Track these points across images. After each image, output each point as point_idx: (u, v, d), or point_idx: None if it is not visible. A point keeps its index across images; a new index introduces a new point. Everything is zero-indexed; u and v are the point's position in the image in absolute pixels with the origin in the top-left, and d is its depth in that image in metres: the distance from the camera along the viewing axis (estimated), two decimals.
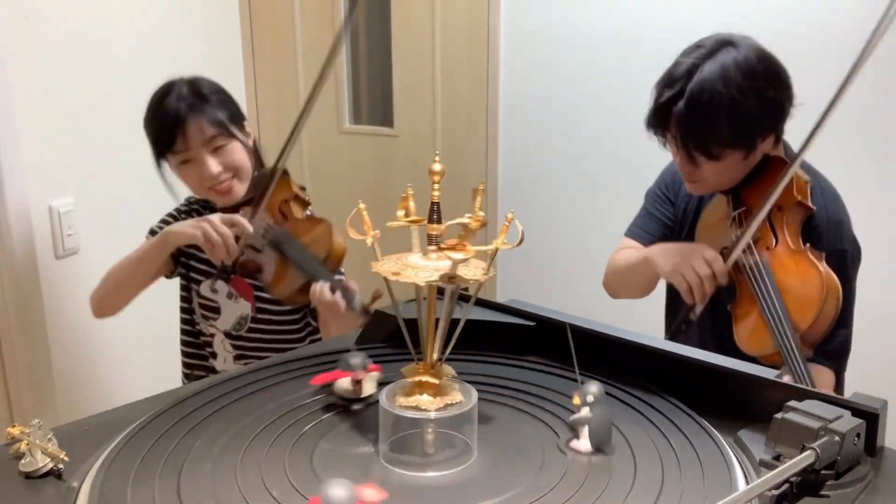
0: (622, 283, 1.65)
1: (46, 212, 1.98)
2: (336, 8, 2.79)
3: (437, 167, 0.85)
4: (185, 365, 1.79)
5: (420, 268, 0.82)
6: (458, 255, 0.80)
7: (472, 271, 0.83)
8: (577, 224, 2.56)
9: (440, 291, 0.87)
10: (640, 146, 2.53)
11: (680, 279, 1.40)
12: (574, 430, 0.87)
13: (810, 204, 1.39)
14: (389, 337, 1.14)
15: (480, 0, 2.53)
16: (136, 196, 2.24)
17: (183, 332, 1.78)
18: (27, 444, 0.82)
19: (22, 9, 1.88)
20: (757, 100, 1.34)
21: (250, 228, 1.54)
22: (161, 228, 1.67)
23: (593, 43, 2.40)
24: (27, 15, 1.89)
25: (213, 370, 1.74)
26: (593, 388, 0.86)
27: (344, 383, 0.97)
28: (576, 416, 0.86)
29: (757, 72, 1.34)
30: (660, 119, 1.41)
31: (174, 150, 1.58)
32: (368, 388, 0.97)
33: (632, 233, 1.67)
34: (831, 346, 1.38)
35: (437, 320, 0.87)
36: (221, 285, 1.68)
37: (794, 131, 1.43)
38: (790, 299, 1.33)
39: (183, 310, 1.77)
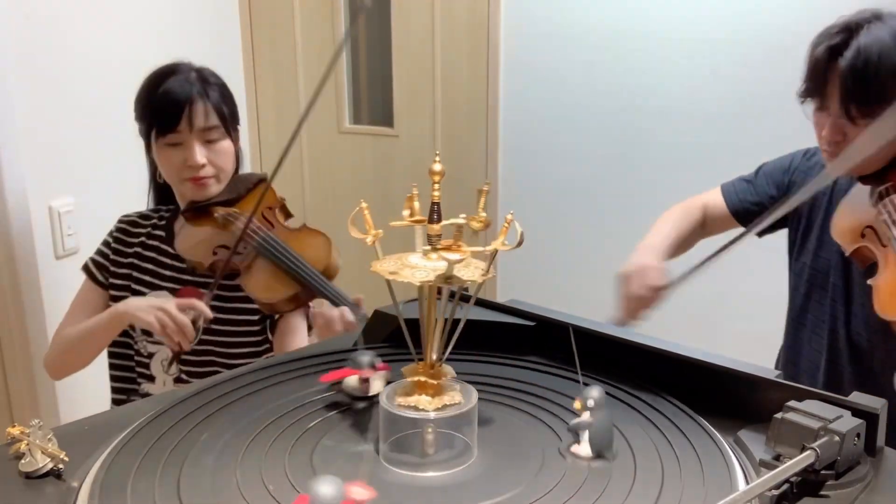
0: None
1: (46, 212, 1.98)
2: (336, 8, 2.79)
3: (437, 167, 0.85)
4: (116, 391, 1.67)
5: (419, 268, 0.82)
6: (453, 256, 0.80)
7: (471, 272, 0.83)
8: (577, 224, 2.56)
9: (440, 292, 0.87)
10: (641, 146, 2.53)
11: (619, 285, 1.44)
12: (575, 435, 0.86)
13: None
14: (390, 337, 1.14)
15: (480, 0, 2.53)
16: (136, 196, 2.24)
17: (113, 354, 1.66)
18: (27, 444, 0.82)
19: (22, 8, 1.88)
20: None
21: (209, 314, 1.47)
22: (97, 263, 1.62)
23: (593, 43, 2.40)
24: (27, 14, 1.90)
25: (145, 396, 1.62)
26: (595, 392, 0.85)
27: (353, 381, 0.98)
28: (576, 420, 0.85)
29: None
30: (820, 74, 1.29)
31: (171, 130, 1.52)
32: (376, 386, 0.97)
33: (725, 189, 1.61)
34: None
35: (438, 321, 0.87)
36: (167, 296, 1.57)
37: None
38: None
39: (122, 334, 1.63)
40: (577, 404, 0.86)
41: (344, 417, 0.94)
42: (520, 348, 1.10)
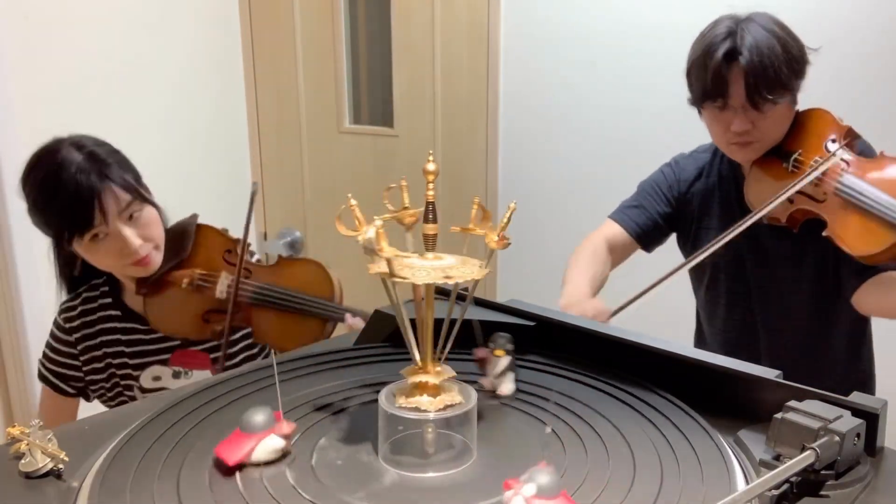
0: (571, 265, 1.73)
1: None
2: (336, 8, 2.79)
3: (431, 167, 0.85)
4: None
5: (417, 268, 0.82)
6: (441, 263, 0.81)
7: (469, 269, 0.82)
8: (577, 224, 2.55)
9: (440, 292, 0.87)
10: (641, 146, 2.53)
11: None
12: (495, 382, 0.97)
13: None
14: (389, 337, 1.14)
15: (480, 0, 2.53)
16: None
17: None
18: (27, 444, 0.82)
19: (22, 8, 1.88)
20: (796, 45, 1.47)
21: None
22: (50, 370, 1.51)
23: (593, 43, 2.40)
24: (27, 14, 1.90)
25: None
26: (502, 338, 0.97)
27: (267, 446, 0.83)
28: (500, 367, 0.96)
29: (783, 27, 1.49)
30: (718, 80, 1.45)
31: (90, 229, 1.37)
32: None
33: (620, 219, 1.73)
34: None
35: (440, 321, 0.87)
36: (164, 370, 1.51)
37: None
38: (889, 188, 1.38)
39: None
40: (498, 352, 0.96)
41: (343, 417, 0.94)
42: (520, 348, 1.10)
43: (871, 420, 0.81)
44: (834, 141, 1.47)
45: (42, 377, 1.53)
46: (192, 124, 2.45)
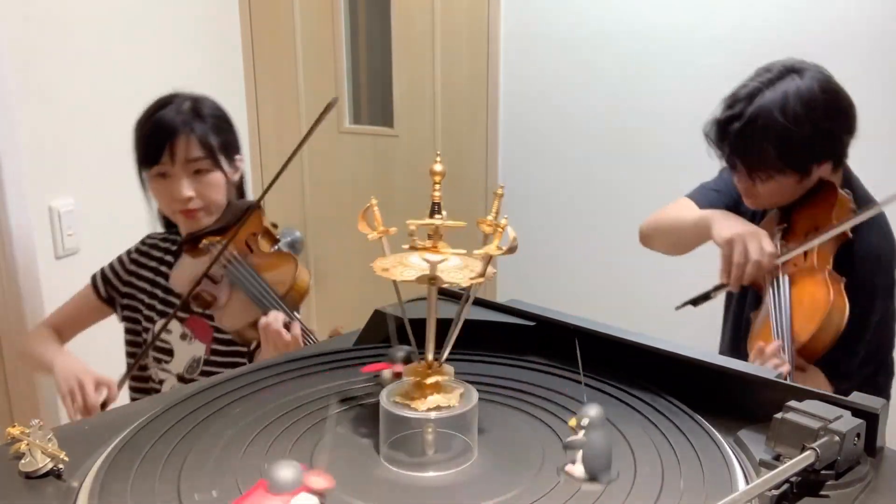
0: (663, 234, 1.69)
1: (46, 212, 1.99)
2: (336, 8, 2.79)
3: (438, 167, 0.85)
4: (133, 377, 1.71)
5: (410, 266, 0.82)
6: (434, 257, 0.81)
7: (463, 274, 0.82)
8: (577, 224, 2.56)
9: (443, 292, 0.87)
10: (641, 146, 2.54)
11: (729, 250, 1.44)
12: (571, 453, 0.81)
13: (847, 231, 1.42)
14: (389, 337, 1.14)
15: (480, 0, 2.53)
16: (136, 196, 2.24)
17: (130, 377, 1.67)
18: (27, 444, 0.82)
19: (22, 9, 1.88)
20: (812, 129, 1.38)
21: (117, 396, 1.50)
22: (105, 279, 1.68)
23: (593, 43, 2.40)
24: (27, 15, 1.90)
25: (159, 383, 1.67)
26: (592, 411, 0.81)
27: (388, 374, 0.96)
28: (571, 438, 0.81)
29: (817, 102, 1.39)
30: (718, 135, 1.48)
31: (157, 162, 1.53)
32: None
33: (696, 198, 1.67)
34: (837, 366, 1.40)
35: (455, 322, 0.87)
36: (175, 325, 1.62)
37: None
38: (797, 312, 1.37)
39: (129, 355, 1.69)
40: (571, 422, 0.82)
41: (344, 418, 0.94)
42: (519, 348, 1.10)
43: (871, 420, 0.81)
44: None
45: (92, 277, 1.71)
46: None
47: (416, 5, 2.66)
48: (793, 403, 0.80)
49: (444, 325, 0.88)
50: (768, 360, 1.30)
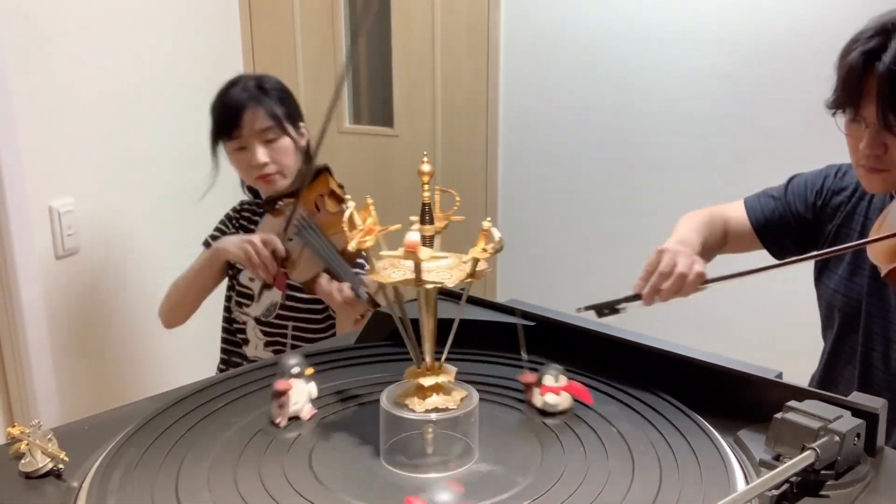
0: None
1: (46, 212, 1.98)
2: (336, 7, 2.79)
3: (426, 168, 0.85)
4: (224, 351, 1.89)
5: (401, 268, 0.82)
6: (429, 264, 0.81)
7: (450, 274, 0.82)
8: (578, 224, 2.56)
9: (442, 293, 0.87)
10: (641, 146, 2.53)
11: (656, 259, 1.30)
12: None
13: None
14: (389, 337, 1.14)
15: (480, 0, 2.53)
16: (136, 196, 2.24)
17: (223, 319, 1.88)
18: (27, 444, 0.82)
19: (22, 9, 1.88)
20: None
21: (282, 249, 1.66)
22: (214, 238, 1.84)
23: (593, 43, 2.40)
24: (27, 14, 1.89)
25: (245, 357, 1.84)
26: (554, 369, 0.95)
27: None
28: (553, 401, 0.94)
29: None
30: (854, 83, 1.18)
31: (232, 135, 1.71)
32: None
33: (749, 203, 1.51)
34: None
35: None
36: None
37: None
38: None
39: (226, 298, 1.87)
40: (547, 379, 0.94)
41: (344, 418, 0.94)
42: (519, 348, 1.10)
43: (871, 420, 0.81)
44: None
45: (205, 241, 1.86)
46: (192, 124, 2.45)
47: (416, 6, 2.65)
48: (793, 403, 0.80)
49: (443, 326, 0.89)
50: None
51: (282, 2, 2.83)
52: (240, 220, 1.88)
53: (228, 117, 1.71)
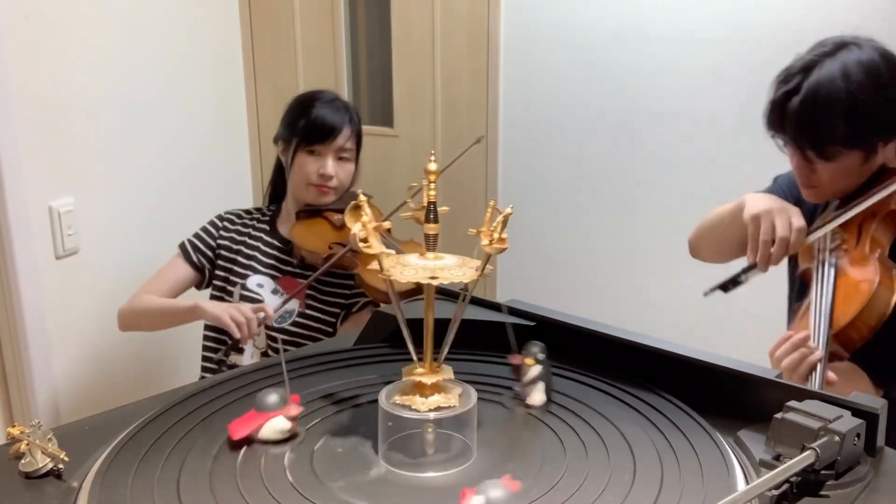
0: (707, 233, 1.58)
1: (46, 212, 1.98)
2: (336, 8, 2.79)
3: (432, 166, 0.85)
4: (206, 359, 1.88)
5: (410, 266, 0.82)
6: (436, 263, 0.81)
7: (459, 272, 0.82)
8: (578, 224, 2.56)
9: (441, 292, 0.87)
10: (641, 146, 2.53)
11: (755, 227, 1.34)
12: (525, 390, 0.96)
13: None
14: (389, 337, 1.14)
15: (480, 0, 2.53)
16: (136, 196, 2.24)
17: (207, 327, 1.87)
18: (27, 444, 0.82)
19: (22, 9, 1.88)
20: (880, 99, 1.28)
21: (273, 317, 1.74)
22: (192, 244, 1.86)
23: (593, 43, 2.39)
24: (27, 14, 1.89)
25: (232, 367, 1.78)
26: (536, 347, 0.96)
27: (273, 425, 0.88)
28: (531, 375, 0.95)
29: (880, 71, 1.29)
30: (776, 117, 1.34)
31: (315, 146, 1.83)
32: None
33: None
34: (880, 361, 1.31)
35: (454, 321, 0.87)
36: (267, 280, 1.85)
37: None
38: (839, 295, 1.29)
39: (216, 298, 1.88)
40: (528, 360, 0.95)
41: (339, 419, 0.94)
42: (520, 348, 1.10)
43: (871, 420, 0.81)
44: None
45: (181, 244, 1.90)
46: (192, 124, 2.45)
47: (416, 5, 2.65)
48: (793, 403, 0.80)
49: (441, 326, 0.89)
50: (794, 351, 1.22)
51: (282, 2, 2.83)
52: (245, 226, 1.91)
53: (323, 132, 1.83)
